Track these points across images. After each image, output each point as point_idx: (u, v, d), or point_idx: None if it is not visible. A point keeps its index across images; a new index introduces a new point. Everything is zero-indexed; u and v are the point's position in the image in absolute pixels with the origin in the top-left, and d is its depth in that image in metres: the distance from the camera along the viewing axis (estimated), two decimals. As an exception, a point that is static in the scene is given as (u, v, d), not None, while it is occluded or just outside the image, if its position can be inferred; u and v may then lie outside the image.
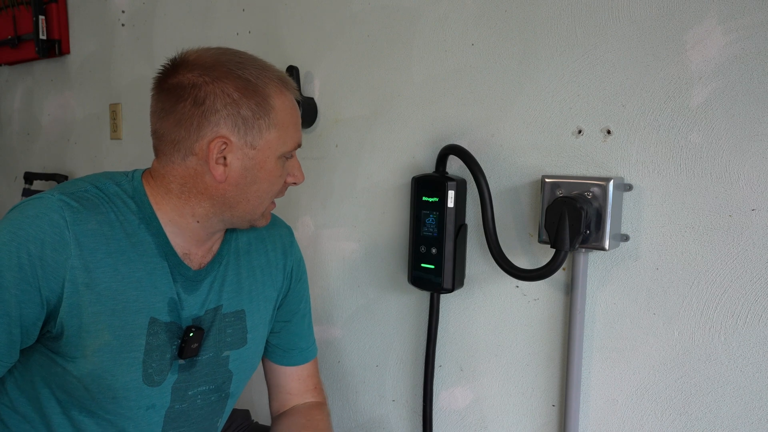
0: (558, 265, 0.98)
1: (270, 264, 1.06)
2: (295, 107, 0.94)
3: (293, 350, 1.12)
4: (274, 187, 0.94)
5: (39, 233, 0.82)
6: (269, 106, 0.89)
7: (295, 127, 0.94)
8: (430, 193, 1.15)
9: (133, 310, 0.88)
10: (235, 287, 1.00)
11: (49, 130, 2.33)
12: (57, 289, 0.83)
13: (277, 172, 0.93)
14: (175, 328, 0.92)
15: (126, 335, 0.88)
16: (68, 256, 0.83)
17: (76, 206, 0.85)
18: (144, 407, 0.92)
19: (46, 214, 0.83)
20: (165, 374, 0.92)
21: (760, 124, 0.89)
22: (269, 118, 0.89)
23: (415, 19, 1.23)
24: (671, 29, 0.95)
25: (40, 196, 0.86)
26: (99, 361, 0.86)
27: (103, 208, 0.88)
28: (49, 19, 2.15)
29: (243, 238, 1.04)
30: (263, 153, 0.90)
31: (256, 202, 0.93)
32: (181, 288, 0.93)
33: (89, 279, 0.84)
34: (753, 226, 0.90)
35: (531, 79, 1.09)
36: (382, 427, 1.37)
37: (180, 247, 0.94)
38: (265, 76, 0.90)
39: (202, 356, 0.96)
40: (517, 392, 1.15)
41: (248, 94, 0.87)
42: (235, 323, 1.00)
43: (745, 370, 0.92)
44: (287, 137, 0.92)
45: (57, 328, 0.85)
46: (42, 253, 0.81)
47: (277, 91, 0.90)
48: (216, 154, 0.87)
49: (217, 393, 1.00)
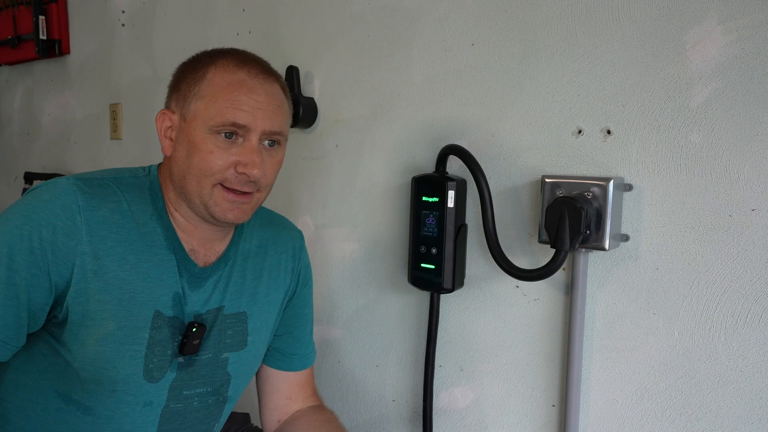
0: (558, 265, 0.98)
1: (280, 266, 1.06)
2: (242, 86, 0.88)
3: (294, 355, 1.11)
4: (206, 164, 0.86)
5: (51, 217, 0.82)
6: (202, 77, 0.89)
7: (230, 102, 0.86)
8: (430, 193, 1.15)
9: (138, 301, 0.88)
10: (238, 289, 1.00)
11: (49, 130, 2.33)
12: (66, 274, 0.83)
13: (205, 147, 0.86)
14: (178, 324, 0.92)
15: (130, 326, 0.88)
16: (79, 242, 0.83)
17: (89, 192, 0.86)
18: (141, 403, 0.91)
19: (59, 197, 0.84)
20: (165, 371, 0.92)
21: (760, 124, 0.89)
22: (198, 88, 0.89)
23: (415, 19, 1.23)
24: (671, 29, 0.95)
25: (54, 181, 0.87)
26: (101, 351, 0.86)
27: (115, 197, 0.88)
28: (49, 19, 2.15)
29: (255, 240, 1.04)
30: (191, 124, 0.88)
31: (193, 181, 0.88)
32: (186, 283, 0.93)
33: (97, 266, 0.85)
34: (753, 226, 0.90)
35: (531, 79, 1.09)
36: (382, 427, 1.37)
37: (186, 242, 0.94)
38: (221, 57, 0.91)
39: (201, 356, 0.96)
40: (517, 392, 1.15)
41: (190, 70, 0.91)
42: (236, 325, 0.99)
43: (745, 370, 0.92)
44: (214, 109, 0.86)
45: (63, 313, 0.85)
46: (54, 237, 0.82)
47: (222, 68, 0.89)
48: (164, 129, 0.91)
49: (214, 396, 1.00)
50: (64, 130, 2.24)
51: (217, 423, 1.03)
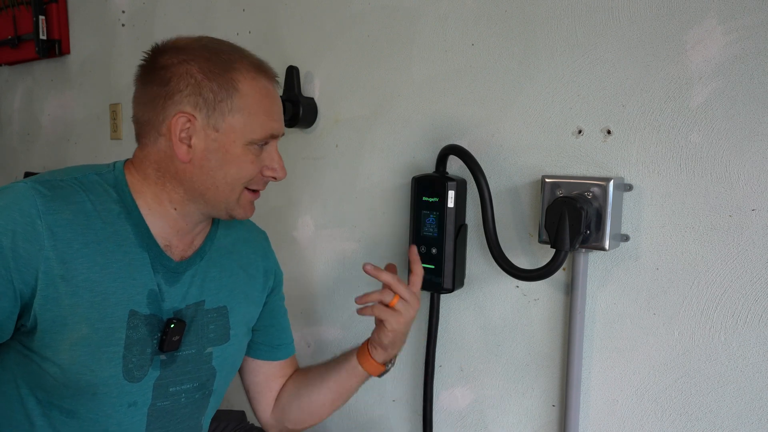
0: (558, 265, 0.98)
1: (252, 265, 1.07)
2: (269, 95, 0.91)
3: (280, 345, 1.13)
4: (243, 173, 0.90)
5: (10, 224, 0.80)
6: (233, 89, 0.88)
7: (266, 114, 0.90)
8: (430, 193, 1.15)
9: (111, 302, 0.86)
10: (217, 283, 0.99)
11: (49, 130, 2.33)
12: (30, 281, 0.81)
13: (246, 159, 0.89)
14: (156, 321, 0.91)
15: (105, 328, 0.86)
16: (41, 247, 0.81)
17: (49, 195, 0.83)
18: (125, 404, 0.90)
19: (17, 203, 0.81)
20: (146, 369, 0.90)
21: (760, 124, 0.89)
22: (232, 101, 0.87)
23: (415, 19, 1.23)
24: (671, 29, 0.95)
25: (11, 185, 0.84)
26: (76, 356, 0.84)
27: (78, 197, 0.86)
28: (49, 19, 2.15)
29: (228, 238, 1.04)
30: (227, 137, 0.88)
31: (226, 189, 0.90)
32: (162, 279, 0.92)
33: (65, 270, 0.82)
34: (753, 226, 0.90)
35: (531, 79, 1.09)
36: (382, 427, 1.37)
37: (161, 238, 0.92)
38: (236, 60, 0.89)
39: (183, 351, 0.94)
40: (517, 392, 1.15)
41: (212, 76, 0.87)
42: (218, 319, 0.99)
43: (745, 370, 0.92)
44: (255, 124, 0.89)
45: (31, 321, 0.83)
46: (14, 244, 0.79)
47: (247, 76, 0.89)
48: (179, 132, 0.87)
49: (200, 391, 0.99)
50: (64, 130, 2.24)
51: (204, 416, 1.03)
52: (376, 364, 1.04)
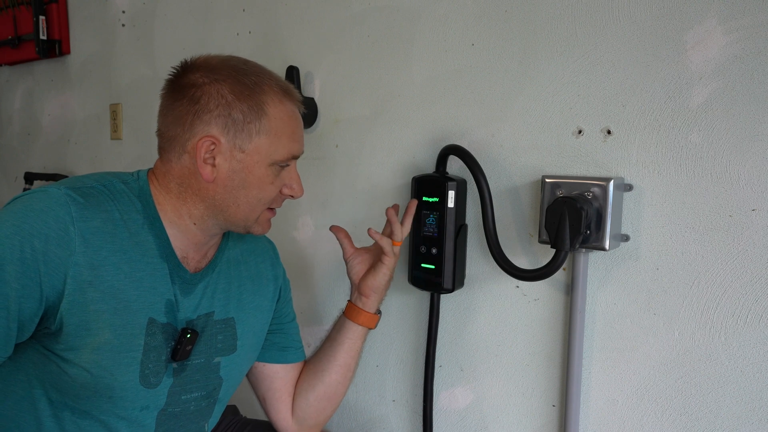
0: (558, 265, 0.98)
1: (260, 275, 1.08)
2: (294, 117, 0.94)
3: (288, 348, 1.14)
4: (264, 194, 0.93)
5: (44, 228, 0.81)
6: (262, 111, 0.89)
7: (290, 136, 0.93)
8: (430, 193, 1.15)
9: (133, 309, 0.88)
10: (225, 295, 1.01)
11: (49, 130, 2.33)
12: (58, 286, 0.82)
13: (268, 179, 0.92)
14: (171, 330, 0.93)
15: (126, 334, 0.88)
16: (72, 253, 0.82)
17: (82, 202, 0.85)
18: (138, 408, 0.92)
19: (52, 208, 0.83)
20: (161, 376, 0.93)
21: (760, 124, 0.89)
22: (260, 123, 0.89)
23: (415, 19, 1.23)
24: (671, 29, 0.95)
25: (45, 189, 0.85)
26: (98, 360, 0.86)
27: (108, 206, 0.88)
28: (49, 19, 2.15)
29: (236, 249, 1.05)
30: (252, 158, 0.90)
31: (247, 207, 0.93)
32: (179, 290, 0.94)
33: (93, 277, 0.84)
34: (753, 226, 0.90)
35: (531, 79, 1.09)
36: (382, 427, 1.37)
37: (179, 250, 0.94)
38: (265, 83, 0.91)
39: (193, 361, 0.96)
40: (517, 392, 1.15)
41: (242, 98, 0.88)
42: (226, 330, 1.01)
43: (746, 370, 0.92)
44: (280, 145, 0.92)
45: (56, 324, 0.84)
46: (46, 248, 0.81)
47: (275, 99, 0.91)
48: (204, 153, 0.88)
49: (207, 399, 1.01)
50: (65, 131, 2.24)
51: (207, 422, 1.05)
52: (371, 314, 1.12)
